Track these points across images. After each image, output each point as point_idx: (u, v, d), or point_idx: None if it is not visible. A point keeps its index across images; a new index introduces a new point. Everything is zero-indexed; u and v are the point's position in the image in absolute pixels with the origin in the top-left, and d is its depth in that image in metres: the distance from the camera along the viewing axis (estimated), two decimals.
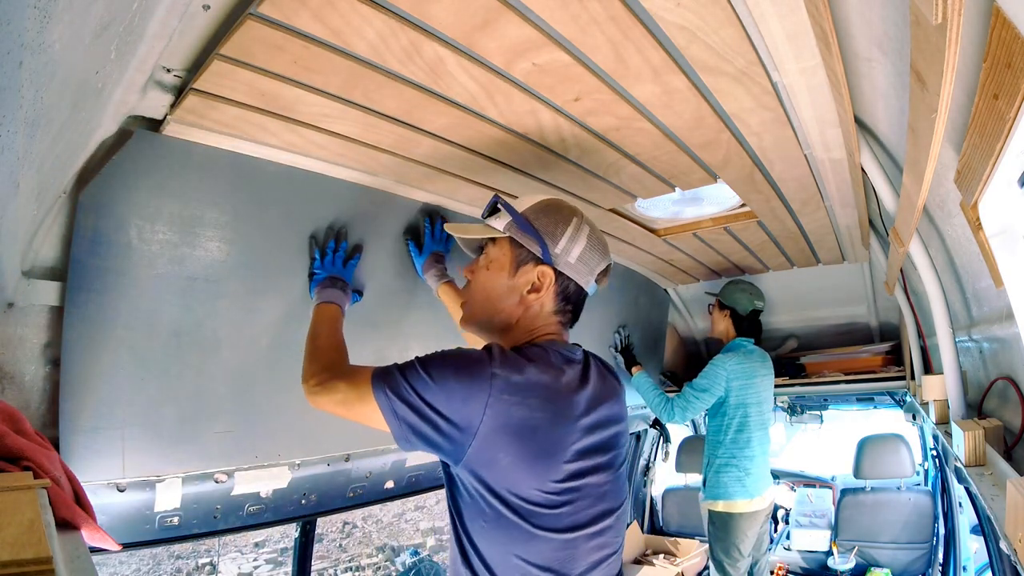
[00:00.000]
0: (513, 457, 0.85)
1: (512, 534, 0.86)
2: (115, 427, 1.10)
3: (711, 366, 2.40)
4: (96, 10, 0.61)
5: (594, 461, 0.92)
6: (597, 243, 1.04)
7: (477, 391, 0.85)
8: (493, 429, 0.85)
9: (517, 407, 0.86)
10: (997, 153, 0.65)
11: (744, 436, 2.37)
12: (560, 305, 1.02)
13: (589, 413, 0.93)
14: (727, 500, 2.37)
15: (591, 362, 1.01)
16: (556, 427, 0.88)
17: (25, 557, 0.40)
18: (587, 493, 0.91)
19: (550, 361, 0.93)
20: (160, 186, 1.07)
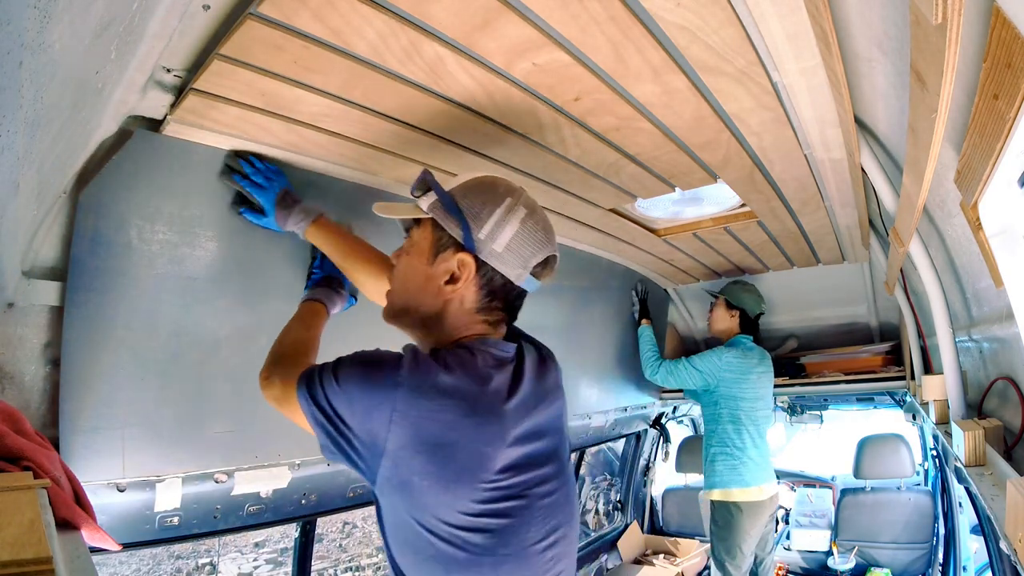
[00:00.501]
0: (430, 479, 0.75)
1: (449, 567, 0.76)
2: (115, 427, 1.10)
3: (710, 353, 2.47)
4: (96, 10, 0.61)
5: (533, 474, 0.82)
6: (535, 229, 0.87)
7: (380, 403, 0.75)
8: (402, 446, 0.74)
9: (428, 421, 0.75)
10: (997, 153, 0.65)
11: (735, 427, 2.41)
12: (484, 301, 0.87)
13: (522, 422, 0.82)
14: (723, 488, 2.40)
15: (526, 360, 0.89)
16: (479, 442, 0.77)
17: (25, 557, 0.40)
18: (529, 509, 0.81)
19: (475, 366, 0.81)
20: (160, 186, 1.07)
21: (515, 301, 0.91)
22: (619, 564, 3.21)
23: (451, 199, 0.87)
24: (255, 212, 1.18)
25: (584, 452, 3.32)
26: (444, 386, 0.77)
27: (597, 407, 2.61)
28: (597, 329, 2.52)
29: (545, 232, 0.89)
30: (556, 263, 0.92)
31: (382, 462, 0.76)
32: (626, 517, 3.46)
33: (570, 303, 2.29)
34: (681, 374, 2.47)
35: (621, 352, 2.67)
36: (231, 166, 1.14)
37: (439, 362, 0.79)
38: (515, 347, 0.89)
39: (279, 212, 1.17)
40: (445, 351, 0.82)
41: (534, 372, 0.89)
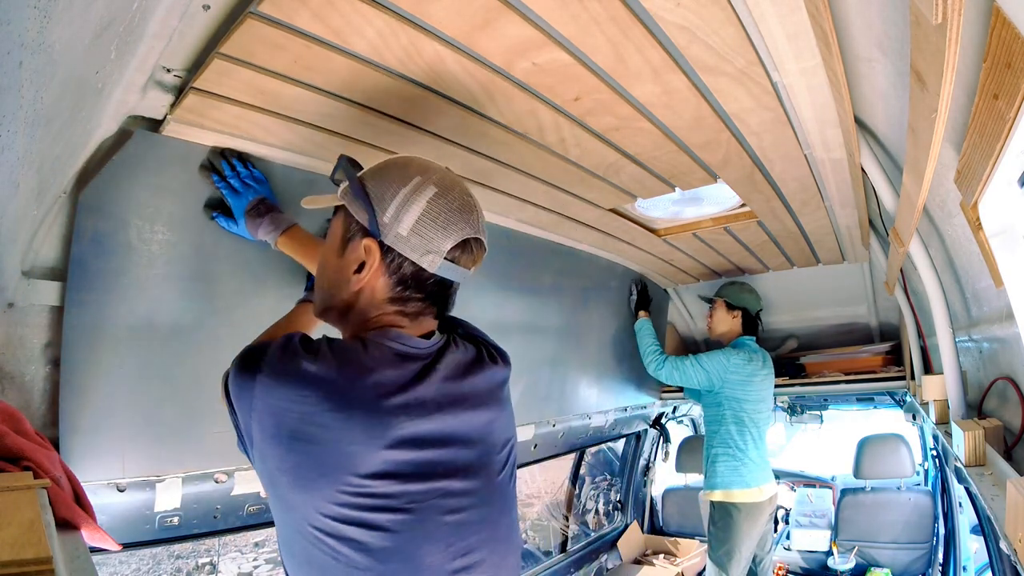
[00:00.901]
0: (289, 475, 0.70)
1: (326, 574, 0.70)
2: (115, 427, 1.10)
3: (717, 353, 2.44)
4: (96, 10, 0.61)
5: (428, 485, 0.74)
6: (446, 210, 0.78)
7: (246, 393, 0.72)
8: (262, 439, 0.70)
9: (285, 412, 0.69)
10: (997, 153, 0.65)
11: (738, 428, 2.40)
12: (396, 290, 0.80)
13: (414, 423, 0.74)
14: (724, 489, 2.40)
15: (445, 358, 0.81)
16: (343, 440, 0.69)
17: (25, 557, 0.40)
18: (423, 525, 0.73)
19: (357, 358, 0.74)
20: (160, 186, 1.07)
21: (436, 290, 0.81)
22: (619, 564, 3.21)
23: (359, 183, 0.81)
24: (229, 218, 1.13)
25: (584, 452, 3.32)
26: (306, 375, 0.70)
27: (597, 407, 2.61)
28: (597, 329, 2.52)
29: (461, 212, 0.79)
30: (480, 248, 0.82)
31: (254, 455, 0.73)
32: (626, 517, 3.46)
33: (570, 303, 2.29)
34: (687, 371, 2.44)
35: (621, 352, 2.67)
36: (212, 164, 1.10)
37: (310, 351, 0.73)
38: (433, 343, 0.81)
39: (249, 221, 1.12)
40: (329, 341, 0.76)
41: (454, 372, 0.81)
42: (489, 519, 0.80)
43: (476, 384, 0.84)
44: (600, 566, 3.17)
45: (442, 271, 0.79)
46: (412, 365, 0.78)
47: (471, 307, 1.78)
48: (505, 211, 1.72)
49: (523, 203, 1.63)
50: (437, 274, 0.79)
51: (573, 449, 2.87)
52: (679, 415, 3.71)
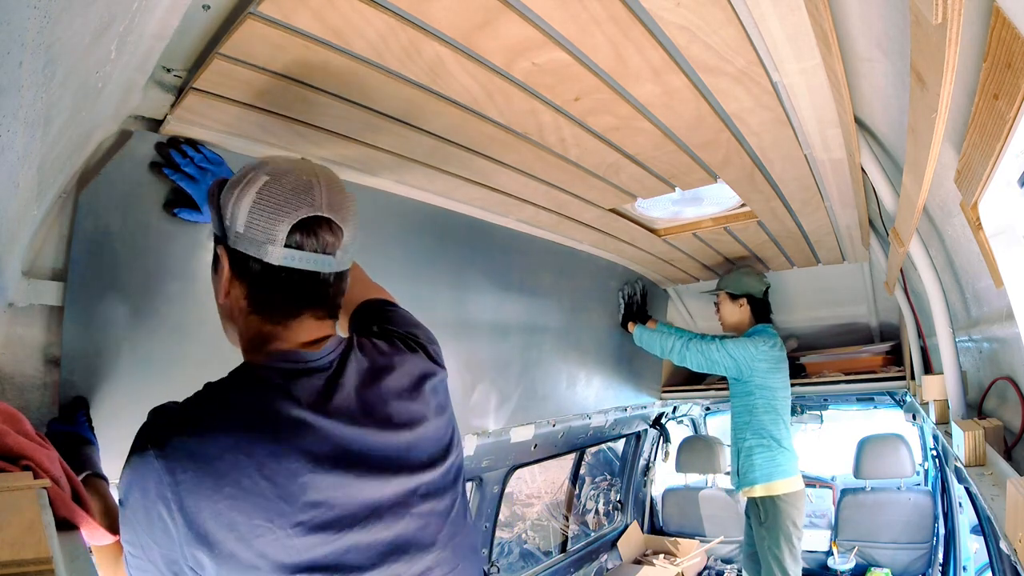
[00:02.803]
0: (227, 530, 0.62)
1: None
2: (115, 427, 1.10)
3: (744, 341, 2.35)
4: (96, 10, 0.61)
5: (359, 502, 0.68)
6: (278, 192, 0.71)
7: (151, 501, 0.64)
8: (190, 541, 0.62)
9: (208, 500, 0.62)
10: (997, 153, 0.65)
11: (771, 418, 2.33)
12: (253, 294, 0.73)
13: (329, 446, 0.68)
14: (766, 483, 2.29)
15: (349, 362, 0.75)
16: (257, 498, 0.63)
17: (25, 557, 0.40)
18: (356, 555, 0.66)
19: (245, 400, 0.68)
20: (160, 186, 1.07)
21: (299, 286, 0.73)
22: (619, 564, 3.21)
23: (215, 192, 0.76)
24: (192, 209, 1.04)
25: (584, 452, 3.32)
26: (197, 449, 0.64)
27: (597, 407, 2.61)
28: (597, 329, 2.52)
29: (295, 193, 0.71)
30: (329, 227, 0.73)
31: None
32: (626, 517, 3.46)
33: (570, 303, 2.29)
34: (713, 355, 2.32)
35: (621, 352, 2.67)
36: (161, 156, 1.01)
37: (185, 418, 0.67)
38: (326, 352, 0.74)
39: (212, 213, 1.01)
40: (197, 395, 0.70)
41: (360, 381, 0.74)
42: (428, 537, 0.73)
43: (389, 390, 0.75)
44: (600, 566, 3.18)
45: (288, 261, 0.71)
46: (312, 381, 0.70)
47: (471, 307, 1.78)
48: (505, 211, 1.72)
49: (523, 203, 1.63)
50: (285, 265, 0.71)
51: (573, 449, 2.87)
52: (679, 415, 3.71)
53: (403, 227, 1.53)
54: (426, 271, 1.63)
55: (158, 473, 0.63)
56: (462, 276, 1.73)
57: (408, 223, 1.54)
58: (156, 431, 0.66)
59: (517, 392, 2.01)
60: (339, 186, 0.75)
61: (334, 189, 0.74)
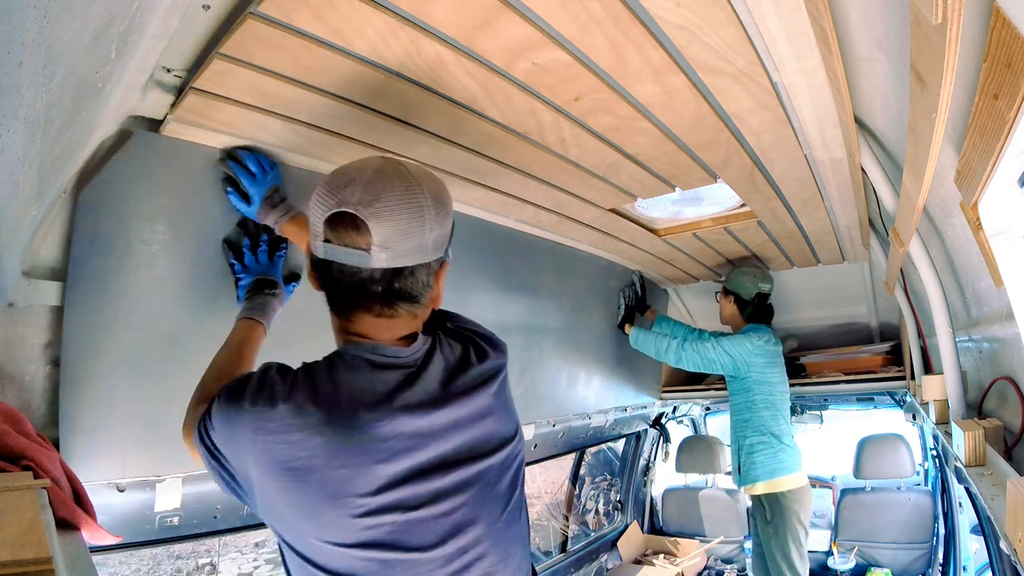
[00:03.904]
0: (294, 508, 0.70)
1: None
2: (115, 427, 1.10)
3: (739, 337, 2.33)
4: (96, 10, 0.61)
5: (431, 486, 0.74)
6: (323, 190, 0.75)
7: (237, 432, 0.71)
8: (262, 475, 0.70)
9: (280, 445, 0.69)
10: (997, 153, 0.65)
11: (771, 414, 2.31)
12: (321, 285, 0.80)
13: (406, 431, 0.74)
14: (768, 480, 2.27)
15: (433, 357, 0.80)
16: (339, 462, 0.69)
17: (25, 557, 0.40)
18: (423, 529, 0.72)
19: (334, 376, 0.74)
20: (160, 186, 1.07)
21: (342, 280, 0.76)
22: (619, 564, 3.21)
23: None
24: (241, 198, 1.15)
25: (584, 452, 3.32)
26: (286, 405, 0.71)
27: (597, 407, 2.61)
28: (597, 329, 2.52)
29: (332, 189, 0.74)
30: (353, 223, 0.73)
31: (254, 492, 0.72)
32: (626, 517, 3.46)
33: (570, 303, 2.29)
34: (709, 354, 2.31)
35: (621, 352, 2.67)
36: (231, 155, 1.14)
37: (287, 381, 0.74)
38: (415, 350, 0.79)
39: (264, 206, 1.15)
40: (306, 366, 0.77)
41: (442, 376, 0.80)
42: (488, 509, 0.79)
43: (467, 384, 0.81)
44: (600, 566, 3.17)
45: (327, 254, 0.75)
46: (390, 375, 0.76)
47: (471, 307, 1.78)
48: (505, 211, 1.72)
49: (523, 203, 1.63)
50: (327, 258, 0.75)
51: (573, 449, 2.87)
52: (679, 415, 3.71)
53: None
54: None
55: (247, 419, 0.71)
56: (462, 276, 1.73)
57: None
58: (264, 377, 0.74)
59: (517, 392, 2.01)
60: (388, 181, 0.74)
61: (374, 187, 0.73)
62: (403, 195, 0.74)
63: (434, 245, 0.77)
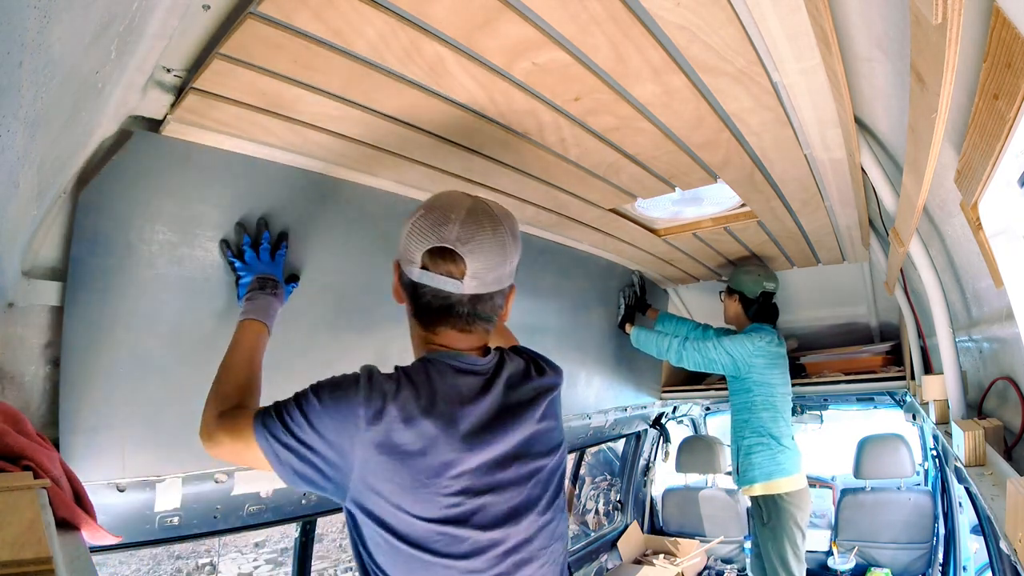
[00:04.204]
0: (393, 485, 0.81)
1: (411, 566, 0.82)
2: (115, 427, 1.10)
3: (741, 337, 2.31)
4: (96, 10, 0.61)
5: (495, 477, 0.86)
6: (423, 223, 0.88)
7: (347, 421, 0.82)
8: (369, 457, 0.81)
9: (391, 432, 0.81)
10: (997, 153, 0.65)
11: (771, 415, 2.29)
12: (413, 305, 0.92)
13: (484, 428, 0.87)
14: (765, 481, 2.26)
15: (504, 369, 0.94)
16: (436, 451, 0.82)
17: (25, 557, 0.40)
18: (491, 514, 0.85)
19: (428, 378, 0.87)
20: (160, 186, 1.07)
21: (435, 302, 0.89)
22: (619, 564, 3.21)
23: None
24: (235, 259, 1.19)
25: (584, 452, 3.31)
26: (399, 398, 0.83)
27: (597, 407, 2.61)
28: (597, 329, 2.52)
29: (433, 226, 0.86)
30: (452, 257, 0.86)
31: (352, 474, 0.81)
32: (626, 517, 3.47)
33: (570, 303, 2.29)
34: (710, 354, 2.28)
35: (621, 352, 2.67)
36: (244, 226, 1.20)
37: (394, 377, 0.86)
38: (489, 360, 0.93)
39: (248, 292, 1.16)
40: (403, 368, 0.89)
41: (511, 379, 0.94)
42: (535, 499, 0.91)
43: (525, 395, 0.94)
44: (600, 566, 3.17)
45: (420, 278, 0.88)
46: (472, 379, 0.90)
47: None
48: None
49: (523, 203, 1.63)
50: (421, 282, 0.88)
51: (573, 449, 2.87)
52: (679, 415, 3.71)
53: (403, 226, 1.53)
54: None
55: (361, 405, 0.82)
56: None
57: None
58: (371, 377, 0.86)
59: None
60: (480, 222, 0.88)
61: (471, 226, 0.87)
62: (492, 235, 0.88)
63: (509, 274, 0.92)
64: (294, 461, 0.83)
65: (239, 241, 1.20)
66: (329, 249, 1.38)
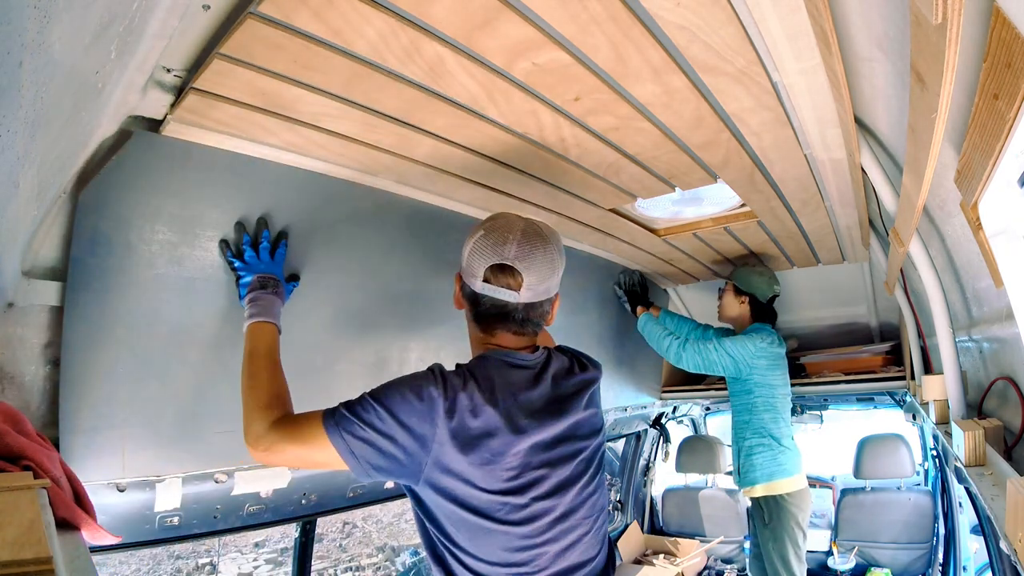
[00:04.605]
0: (464, 464, 0.93)
1: (476, 533, 0.94)
2: (115, 427, 1.10)
3: (742, 338, 2.30)
4: (96, 10, 0.61)
5: (546, 455, 1.00)
6: (484, 242, 1.02)
7: (427, 411, 0.93)
8: (443, 443, 0.93)
9: (463, 419, 0.94)
10: (997, 153, 0.65)
11: (772, 416, 2.29)
12: (473, 312, 1.07)
13: (537, 415, 1.00)
14: (767, 482, 2.26)
15: (551, 364, 1.08)
16: (499, 434, 0.95)
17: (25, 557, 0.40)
18: (544, 487, 0.98)
19: (487, 372, 1.00)
20: (160, 186, 1.07)
21: (494, 310, 1.04)
22: (619, 564, 3.21)
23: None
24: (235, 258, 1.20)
25: None
26: (469, 389, 0.96)
27: None
28: (597, 329, 2.52)
29: (494, 246, 1.01)
30: (510, 273, 1.01)
31: (428, 458, 0.93)
32: (626, 517, 3.46)
33: (569, 303, 2.29)
34: (711, 356, 2.27)
35: (621, 352, 2.67)
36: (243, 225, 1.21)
37: (462, 372, 1.00)
38: (538, 356, 1.08)
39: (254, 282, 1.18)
40: (464, 365, 1.03)
41: (557, 373, 1.08)
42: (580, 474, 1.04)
43: (570, 387, 1.08)
44: None
45: (483, 290, 1.02)
46: (524, 372, 1.04)
47: None
48: (505, 211, 1.71)
49: (523, 203, 1.63)
50: (483, 293, 1.02)
51: None
52: (679, 415, 3.71)
53: (403, 227, 1.53)
54: (426, 270, 1.63)
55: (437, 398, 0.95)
56: None
57: (408, 223, 1.54)
58: (443, 373, 0.99)
59: None
60: (533, 243, 1.02)
61: (526, 246, 1.02)
62: (544, 252, 1.03)
63: (556, 284, 1.08)
64: (370, 453, 0.93)
65: (239, 241, 1.20)
66: (329, 249, 1.38)
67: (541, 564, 0.97)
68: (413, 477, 0.95)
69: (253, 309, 1.14)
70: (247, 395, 1.06)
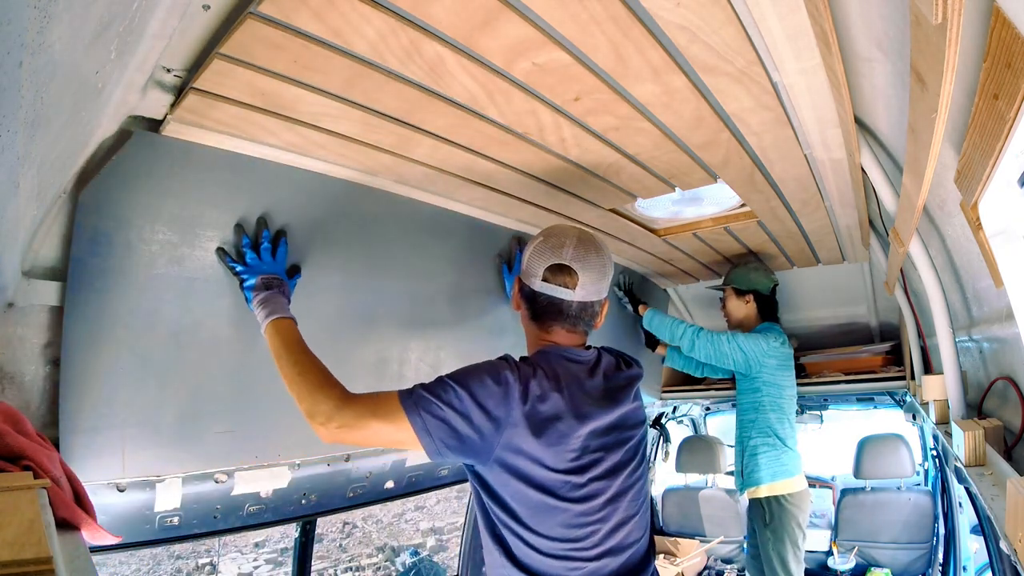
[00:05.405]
0: (534, 444, 1.01)
1: (539, 509, 1.02)
2: (115, 427, 1.10)
3: (757, 336, 2.29)
4: (96, 10, 0.61)
5: (602, 440, 1.09)
6: (543, 247, 1.13)
7: (504, 395, 1.01)
8: (516, 424, 1.00)
9: (534, 403, 1.02)
10: (997, 153, 0.65)
11: (777, 416, 2.29)
12: (531, 310, 1.16)
13: (594, 404, 1.08)
14: (770, 483, 2.26)
15: (601, 361, 1.18)
16: (565, 418, 1.04)
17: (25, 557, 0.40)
18: (599, 468, 1.07)
19: (550, 364, 1.09)
20: (160, 186, 1.07)
21: (547, 306, 1.14)
22: None
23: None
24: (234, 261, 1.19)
25: None
26: (540, 378, 1.05)
27: None
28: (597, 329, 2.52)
29: (552, 249, 1.12)
30: (568, 272, 1.11)
31: (500, 439, 1.00)
32: None
33: None
34: (723, 347, 2.26)
35: None
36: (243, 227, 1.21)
37: (530, 363, 1.09)
38: (591, 353, 1.17)
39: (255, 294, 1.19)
40: (530, 357, 1.14)
41: (607, 368, 1.17)
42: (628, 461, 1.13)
43: (619, 381, 1.17)
44: None
45: (542, 289, 1.12)
46: (583, 366, 1.13)
47: (470, 307, 1.78)
48: (505, 211, 1.72)
49: (523, 203, 1.63)
50: (541, 292, 1.12)
51: None
52: (679, 415, 3.71)
53: (403, 227, 1.53)
54: (426, 270, 1.63)
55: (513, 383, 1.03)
56: (462, 275, 1.73)
57: (408, 223, 1.54)
58: (516, 362, 1.08)
59: None
60: (588, 247, 1.13)
61: (581, 250, 1.12)
62: (597, 256, 1.14)
63: (605, 288, 1.17)
64: (445, 433, 0.99)
65: (238, 243, 1.20)
66: (329, 249, 1.38)
67: (594, 540, 1.05)
68: (483, 457, 1.01)
69: (266, 309, 1.15)
70: (299, 383, 1.06)
